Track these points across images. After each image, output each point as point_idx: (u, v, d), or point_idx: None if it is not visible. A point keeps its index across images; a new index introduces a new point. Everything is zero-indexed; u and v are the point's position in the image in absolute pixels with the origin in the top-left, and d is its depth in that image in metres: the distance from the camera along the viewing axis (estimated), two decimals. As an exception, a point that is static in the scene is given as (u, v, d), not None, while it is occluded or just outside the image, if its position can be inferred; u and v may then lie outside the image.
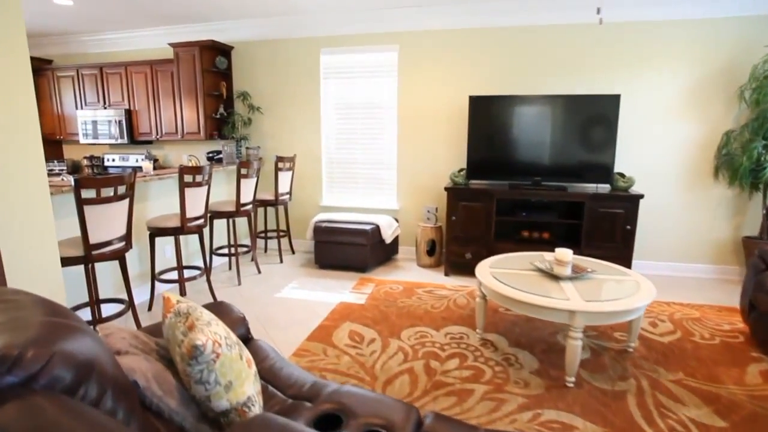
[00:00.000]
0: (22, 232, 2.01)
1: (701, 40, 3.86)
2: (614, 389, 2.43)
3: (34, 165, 2.05)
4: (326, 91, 4.83)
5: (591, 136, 3.93)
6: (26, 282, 2.03)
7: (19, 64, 1.96)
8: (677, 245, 4.23)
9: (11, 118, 1.93)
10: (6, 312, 0.97)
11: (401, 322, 3.24)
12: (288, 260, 4.82)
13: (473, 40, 4.33)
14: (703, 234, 4.18)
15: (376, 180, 4.92)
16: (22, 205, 2.00)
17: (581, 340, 2.39)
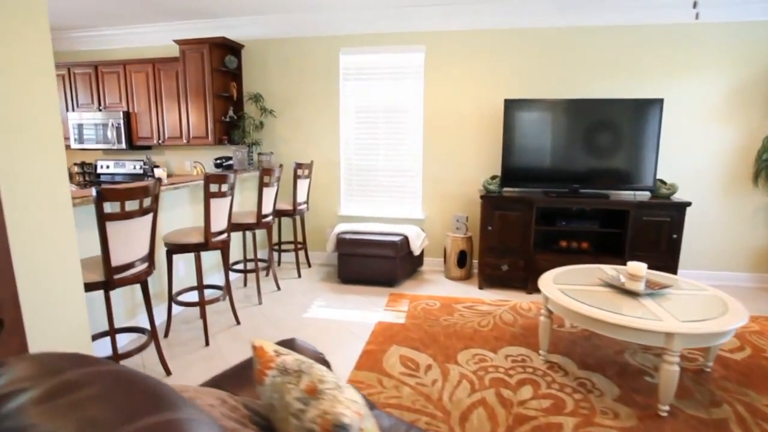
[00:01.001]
0: (45, 251, 1.64)
1: (741, 42, 3.77)
2: (712, 418, 2.21)
3: (57, 173, 1.68)
4: (345, 94, 4.54)
5: (632, 142, 3.76)
6: (45, 312, 1.66)
7: (42, 58, 1.61)
8: (715, 253, 4.10)
9: (31, 120, 1.57)
10: (73, 410, 0.56)
11: (452, 344, 2.96)
12: (306, 274, 4.48)
13: (505, 41, 4.12)
14: (741, 241, 4.07)
15: (399, 188, 4.64)
16: (43, 220, 1.64)
17: (677, 365, 2.17)
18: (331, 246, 4.31)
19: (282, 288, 4.06)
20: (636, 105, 3.71)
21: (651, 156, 3.74)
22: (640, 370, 2.66)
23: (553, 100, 3.83)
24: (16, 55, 1.53)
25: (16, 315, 1.52)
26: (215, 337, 3.05)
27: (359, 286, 4.13)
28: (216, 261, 3.93)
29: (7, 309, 1.49)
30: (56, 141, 1.68)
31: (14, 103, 1.53)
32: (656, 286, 2.61)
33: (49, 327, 1.68)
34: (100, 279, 2.11)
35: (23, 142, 1.56)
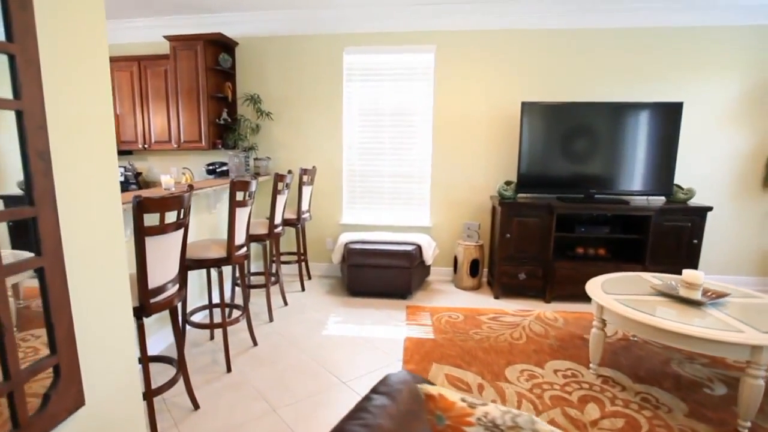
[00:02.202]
0: (95, 272, 1.30)
1: (753, 46, 3.86)
2: (789, 429, 2.12)
3: (108, 180, 1.35)
4: (349, 96, 4.29)
5: (650, 146, 3.75)
6: (94, 346, 1.30)
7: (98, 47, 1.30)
8: (725, 257, 4.16)
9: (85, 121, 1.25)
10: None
11: (494, 360, 2.75)
12: (309, 287, 4.14)
13: (518, 42, 4.03)
14: (751, 245, 4.15)
15: (406, 194, 4.42)
16: (95, 235, 1.30)
17: (762, 380, 2.06)
18: (337, 257, 4.01)
19: (288, 303, 3.71)
20: (655, 108, 3.70)
21: (668, 160, 3.74)
22: (696, 381, 2.56)
23: (570, 103, 3.76)
24: (77, 46, 1.23)
25: (72, 358, 1.18)
26: (234, 361, 2.68)
27: (371, 299, 3.85)
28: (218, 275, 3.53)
29: (64, 351, 1.14)
30: (110, 146, 1.35)
31: (75, 100, 1.22)
32: (714, 294, 2.52)
33: (98, 365, 1.32)
34: (134, 304, 1.75)
35: (81, 148, 1.24)
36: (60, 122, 1.17)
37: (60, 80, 1.17)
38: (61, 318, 1.15)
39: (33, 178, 1.06)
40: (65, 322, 1.17)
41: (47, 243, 1.10)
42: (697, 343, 2.10)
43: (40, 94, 1.09)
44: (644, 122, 3.73)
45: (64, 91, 1.19)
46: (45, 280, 1.11)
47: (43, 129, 1.10)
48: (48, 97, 1.13)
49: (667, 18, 3.86)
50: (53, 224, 1.13)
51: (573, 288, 3.76)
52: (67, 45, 1.20)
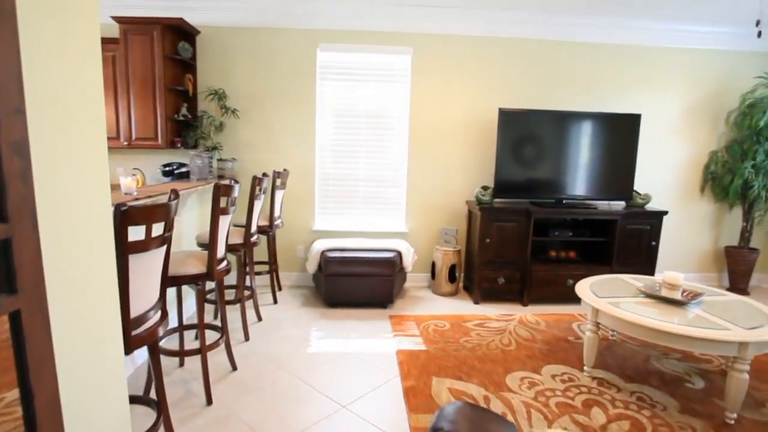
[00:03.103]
0: (80, 307, 1.03)
1: (694, 67, 4.22)
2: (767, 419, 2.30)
3: (99, 186, 1.09)
4: (323, 95, 4.08)
5: (614, 154, 3.96)
6: (78, 377, 1.03)
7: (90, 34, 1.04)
8: (673, 256, 4.51)
9: (73, 104, 0.99)
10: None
11: (491, 369, 2.72)
12: (282, 299, 3.87)
13: (493, 49, 4.07)
14: (691, 245, 4.54)
15: (381, 199, 4.29)
16: (82, 258, 1.04)
17: (747, 374, 2.21)
18: (312, 266, 3.80)
19: (263, 318, 3.43)
20: (617, 119, 3.91)
21: (628, 167, 3.97)
22: (677, 376, 2.71)
23: (544, 111, 3.87)
24: (66, 31, 0.96)
25: (55, 424, 0.90)
26: (214, 390, 2.39)
27: (351, 310, 3.68)
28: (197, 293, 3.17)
29: (46, 426, 0.86)
30: (100, 140, 1.09)
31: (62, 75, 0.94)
32: (691, 294, 2.68)
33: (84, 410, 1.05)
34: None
35: (67, 141, 0.97)
36: (42, 104, 0.90)
37: (44, 45, 0.91)
38: (42, 380, 0.83)
39: (6, 183, 0.74)
40: (49, 386, 0.84)
41: (25, 275, 0.78)
42: (690, 342, 2.21)
43: (16, 62, 0.75)
44: (608, 132, 3.92)
45: (49, 61, 0.92)
46: (21, 327, 0.77)
47: (21, 113, 0.77)
48: (28, 68, 0.86)
49: (628, 36, 4.11)
50: (33, 248, 0.80)
51: (549, 290, 3.87)
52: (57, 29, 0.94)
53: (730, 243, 4.51)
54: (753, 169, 4.05)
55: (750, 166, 4.05)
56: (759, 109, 3.99)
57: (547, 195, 4.00)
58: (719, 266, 4.59)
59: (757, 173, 4.05)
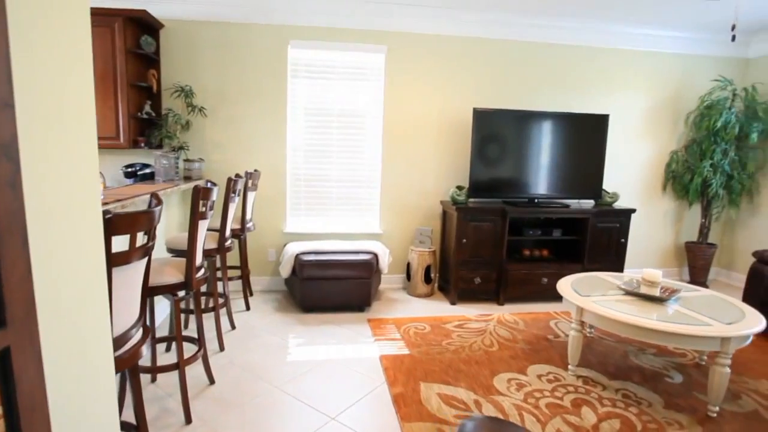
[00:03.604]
0: (75, 318, 0.88)
1: (656, 69, 4.39)
2: (747, 411, 2.38)
3: (90, 193, 0.94)
4: (294, 93, 3.93)
5: (584, 153, 4.04)
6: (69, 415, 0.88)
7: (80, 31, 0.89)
8: (638, 252, 4.67)
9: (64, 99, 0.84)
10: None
11: (478, 371, 2.68)
12: (254, 305, 3.69)
13: (469, 49, 4.07)
14: (653, 241, 4.72)
15: (355, 200, 4.19)
16: (74, 279, 0.89)
17: (729, 368, 2.27)
18: (286, 270, 3.64)
19: (236, 326, 3.25)
20: (587, 119, 3.99)
21: (598, 167, 4.07)
22: (656, 371, 2.77)
23: (517, 111, 3.90)
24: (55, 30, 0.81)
25: None
26: (191, 406, 2.21)
27: (327, 314, 3.56)
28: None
29: None
30: (90, 141, 0.94)
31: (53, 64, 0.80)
32: (669, 290, 2.76)
33: None
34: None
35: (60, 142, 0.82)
36: (32, 97, 0.77)
37: (34, 28, 0.77)
38: (33, 427, 0.69)
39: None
40: (41, 414, 0.74)
41: (14, 304, 0.65)
42: (677, 339, 2.25)
43: (4, 46, 0.63)
44: (578, 132, 4.00)
45: (40, 48, 0.79)
46: (11, 367, 0.65)
47: (9, 108, 0.64)
48: (17, 56, 0.72)
49: (597, 38, 4.21)
50: (23, 270, 0.67)
51: (524, 289, 3.90)
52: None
53: (689, 239, 4.74)
54: (711, 168, 4.26)
55: (708, 165, 4.25)
56: (716, 110, 4.20)
57: (520, 194, 4.03)
58: (680, 261, 4.81)
59: (715, 172, 4.26)
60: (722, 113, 4.16)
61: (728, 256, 4.78)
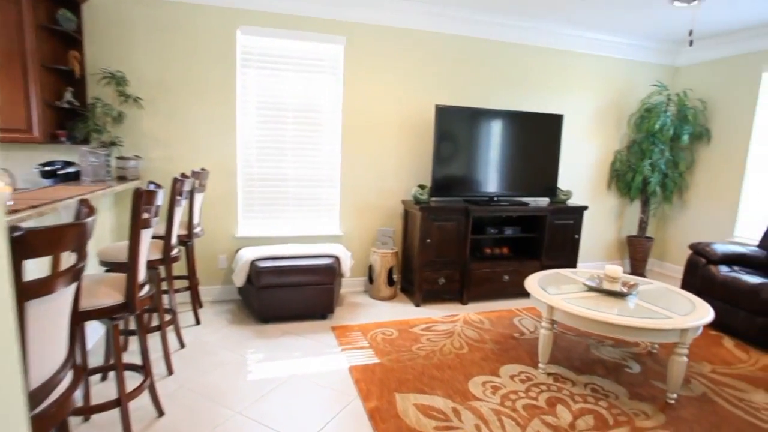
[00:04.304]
0: None
1: (608, 73, 4.60)
2: (698, 395, 2.51)
3: None
4: (245, 85, 3.62)
5: (540, 152, 4.12)
6: None
7: None
8: (583, 248, 4.88)
9: None
10: None
11: (452, 377, 2.62)
12: (205, 318, 3.36)
13: (431, 44, 3.98)
14: (599, 236, 4.97)
15: (313, 201, 3.97)
16: None
17: (686, 357, 2.38)
18: (241, 278, 3.36)
19: (186, 344, 2.93)
20: (543, 119, 4.07)
21: (553, 165, 4.18)
22: (616, 363, 2.87)
23: (479, 109, 3.88)
24: None
25: None
26: (139, 446, 1.92)
27: (287, 324, 3.33)
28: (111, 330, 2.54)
29: None
30: None
31: None
32: (628, 284, 2.85)
33: None
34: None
35: None
36: None
37: None
38: None
39: None
40: None
41: None
42: (639, 333, 2.32)
43: None
44: (535, 131, 4.08)
45: None
46: None
47: None
48: None
49: (553, 40, 4.32)
50: None
51: (486, 288, 3.91)
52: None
53: (630, 233, 5.04)
54: (650, 167, 4.54)
55: (648, 164, 4.53)
56: (654, 113, 4.48)
57: (480, 193, 4.04)
58: (622, 254, 5.10)
59: (653, 171, 4.55)
60: (660, 116, 4.44)
61: (661, 248, 5.14)
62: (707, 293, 3.48)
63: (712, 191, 4.58)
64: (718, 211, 4.51)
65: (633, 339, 2.39)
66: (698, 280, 3.59)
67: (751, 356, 3.03)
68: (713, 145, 4.56)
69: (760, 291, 3.10)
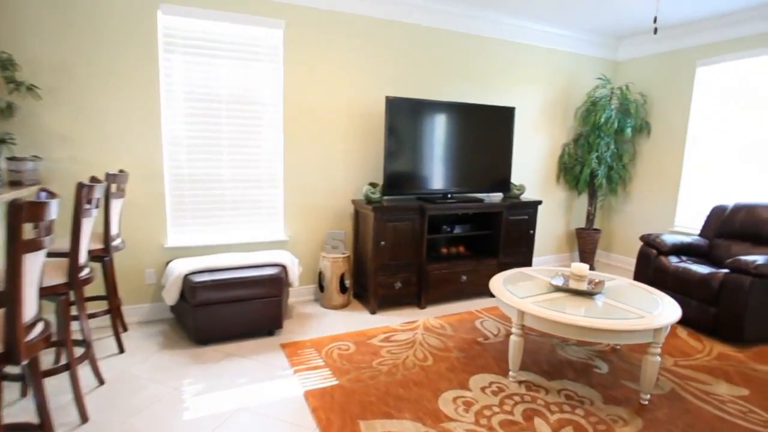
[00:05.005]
0: None
1: (556, 66, 4.58)
2: (667, 392, 2.47)
3: None
4: (170, 73, 3.15)
5: (493, 146, 4.00)
6: None
7: None
8: (539, 241, 4.87)
9: None
10: None
11: (419, 394, 2.38)
12: (131, 344, 2.88)
13: (381, 32, 3.71)
14: (550, 229, 4.98)
15: (254, 203, 3.57)
16: None
17: (659, 356, 2.31)
18: (172, 295, 2.91)
19: (106, 380, 2.45)
20: (495, 111, 3.95)
21: (506, 159, 4.07)
22: (584, 363, 2.79)
23: (431, 102, 3.67)
24: None
25: None
26: None
27: (230, 344, 2.93)
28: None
29: None
30: None
31: None
32: (594, 282, 2.77)
33: None
34: None
35: None
36: None
37: None
38: None
39: None
40: None
41: None
42: (614, 335, 2.22)
43: None
44: (488, 124, 3.95)
45: None
46: None
47: None
48: None
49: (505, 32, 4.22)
50: None
51: (444, 289, 3.74)
52: None
53: (579, 225, 5.10)
54: (597, 160, 4.59)
55: (595, 157, 4.58)
56: (600, 106, 4.52)
57: (434, 190, 3.84)
58: (571, 246, 5.16)
59: (600, 163, 4.60)
60: (605, 109, 4.49)
61: (608, 240, 5.27)
62: (660, 284, 3.53)
63: (654, 182, 4.72)
64: (660, 202, 4.67)
65: (608, 341, 2.28)
66: (651, 271, 3.63)
67: (705, 345, 3.09)
68: (653, 138, 4.71)
69: (710, 281, 3.16)
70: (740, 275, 3.00)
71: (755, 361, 2.87)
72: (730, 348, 3.05)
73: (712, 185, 4.27)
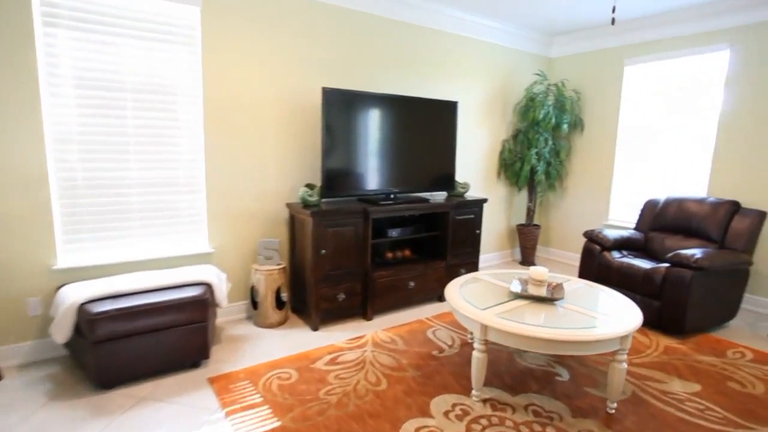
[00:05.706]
0: None
1: (496, 60, 4.48)
2: (629, 396, 2.40)
3: None
4: (53, 53, 2.52)
5: (437, 142, 3.79)
6: None
7: None
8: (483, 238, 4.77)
9: None
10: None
11: (377, 427, 2.08)
12: (8, 396, 2.25)
13: (317, 15, 3.31)
14: (492, 226, 4.91)
15: (170, 211, 3.02)
16: None
17: (626, 363, 2.21)
18: (63, 330, 2.34)
19: (-36, 454, 1.86)
20: (438, 106, 3.73)
21: (450, 156, 3.89)
22: (545, 371, 2.65)
23: (371, 94, 3.36)
24: None
25: None
26: None
27: (144, 385, 2.41)
28: None
29: None
30: None
31: None
32: (553, 286, 2.64)
33: None
34: None
35: None
36: None
37: None
38: None
39: None
40: None
41: None
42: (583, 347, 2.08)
43: None
44: (430, 119, 3.72)
45: None
46: None
47: None
48: None
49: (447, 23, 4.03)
50: None
51: (391, 297, 3.46)
52: None
53: (519, 221, 5.09)
54: (536, 156, 4.57)
55: (534, 153, 4.56)
56: (538, 102, 4.51)
57: (376, 190, 3.54)
58: (512, 243, 5.15)
59: (539, 159, 4.60)
60: (543, 105, 4.48)
61: (547, 235, 5.33)
62: (605, 280, 3.54)
63: (588, 178, 4.82)
64: (594, 196, 4.77)
65: (577, 353, 2.14)
66: (595, 267, 3.64)
67: (652, 340, 3.11)
68: (586, 134, 4.80)
69: (653, 275, 3.20)
70: (681, 269, 3.06)
71: (697, 352, 2.94)
72: (674, 340, 3.11)
73: (643, 179, 4.43)
